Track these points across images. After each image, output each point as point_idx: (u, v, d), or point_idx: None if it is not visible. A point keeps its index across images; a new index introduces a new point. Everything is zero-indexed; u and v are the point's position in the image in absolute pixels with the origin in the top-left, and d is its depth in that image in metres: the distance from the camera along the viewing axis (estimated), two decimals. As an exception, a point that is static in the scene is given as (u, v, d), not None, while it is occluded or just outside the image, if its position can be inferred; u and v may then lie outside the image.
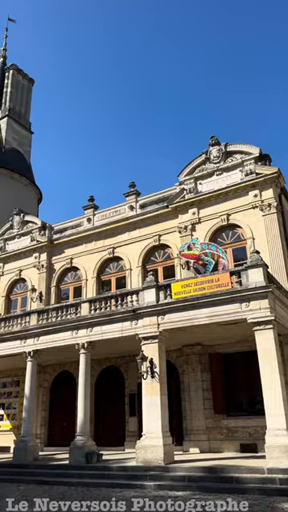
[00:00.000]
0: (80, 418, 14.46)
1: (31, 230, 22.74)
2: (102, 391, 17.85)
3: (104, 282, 19.96)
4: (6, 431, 19.61)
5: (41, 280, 21.39)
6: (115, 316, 14.37)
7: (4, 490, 11.22)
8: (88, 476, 12.21)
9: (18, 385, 19.67)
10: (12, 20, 41.00)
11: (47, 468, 13.87)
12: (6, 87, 35.70)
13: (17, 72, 36.33)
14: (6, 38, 40.66)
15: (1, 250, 23.49)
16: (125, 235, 19.61)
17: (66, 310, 16.02)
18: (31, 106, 37.59)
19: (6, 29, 40.71)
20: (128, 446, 16.04)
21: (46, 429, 18.88)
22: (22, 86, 36.69)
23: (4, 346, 16.85)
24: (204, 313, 12.72)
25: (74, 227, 21.48)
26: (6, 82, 35.81)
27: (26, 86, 37.18)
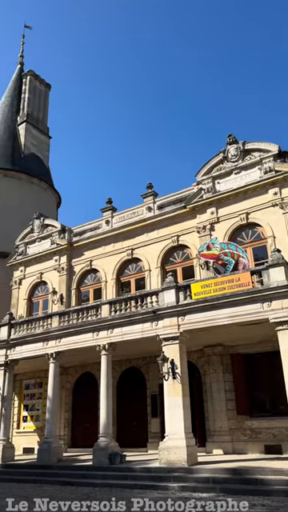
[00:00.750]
0: (102, 419, 14.54)
1: (51, 234, 23.02)
2: (123, 392, 17.90)
3: (123, 283, 20.04)
4: (29, 432, 19.88)
5: (61, 282, 21.62)
6: (135, 317, 14.41)
7: (30, 491, 11.38)
8: (111, 477, 12.26)
9: (41, 386, 19.92)
10: (28, 27, 41.64)
11: (71, 469, 13.99)
12: (23, 93, 36.30)
13: (34, 78, 36.87)
14: (23, 45, 41.38)
15: (22, 253, 23.86)
16: (143, 236, 19.64)
17: (86, 311, 16.17)
18: (48, 111, 38.10)
19: (22, 36, 41.36)
20: (151, 447, 16.04)
21: (69, 430, 19.04)
22: (39, 91, 37.22)
23: (27, 348, 17.10)
24: (225, 313, 12.63)
25: (92, 229, 21.64)
26: (24, 88, 36.41)
27: (43, 91, 37.70)
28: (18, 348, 17.41)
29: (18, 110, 36.09)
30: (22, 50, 41.22)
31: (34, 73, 36.97)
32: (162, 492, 10.35)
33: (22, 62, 40.38)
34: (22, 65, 40.10)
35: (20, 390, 20.74)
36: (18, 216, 29.44)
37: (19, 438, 19.66)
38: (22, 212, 29.42)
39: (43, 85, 37.82)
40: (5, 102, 37.21)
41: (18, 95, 36.94)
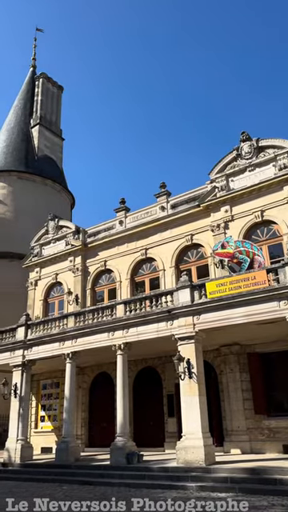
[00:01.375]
0: (119, 418, 14.58)
1: (66, 235, 23.18)
2: (139, 392, 17.91)
3: (138, 283, 20.05)
4: (47, 432, 20.06)
5: (76, 283, 21.75)
6: (150, 317, 14.40)
7: (50, 491, 11.50)
8: (129, 477, 12.28)
9: (58, 386, 20.08)
10: (40, 30, 42.02)
11: (89, 468, 14.06)
12: (36, 96, 36.69)
13: (46, 80, 37.22)
14: (35, 48, 41.78)
15: (37, 255, 24.09)
16: (157, 236, 19.62)
17: (101, 311, 16.22)
18: (61, 113, 38.40)
19: (34, 39, 41.80)
20: (168, 447, 16.02)
21: (86, 430, 19.14)
22: (51, 93, 37.55)
23: (43, 349, 17.25)
24: (240, 312, 12.53)
25: (106, 230, 21.72)
26: (37, 90, 36.79)
27: (55, 93, 38.02)
28: (34, 348, 17.57)
29: (31, 113, 36.49)
30: (35, 53, 41.66)
31: (46, 75, 37.33)
32: (180, 492, 10.34)
33: (35, 65, 40.80)
34: (35, 68, 40.51)
35: (37, 390, 20.94)
36: (32, 218, 29.82)
37: (37, 438, 19.86)
38: (36, 214, 29.77)
39: (55, 87, 38.15)
40: (18, 104, 37.65)
41: (30, 98, 37.34)
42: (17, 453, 16.40)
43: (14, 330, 18.59)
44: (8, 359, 18.14)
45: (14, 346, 18.11)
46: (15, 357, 17.92)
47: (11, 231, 30.85)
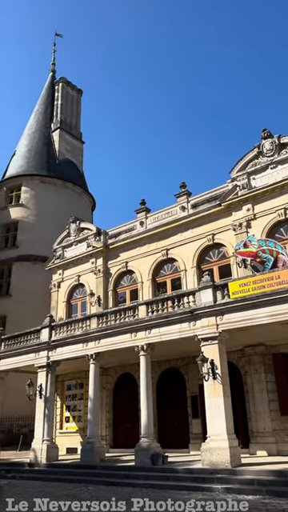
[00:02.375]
0: (144, 419, 14.57)
1: (87, 237, 23.38)
2: (163, 393, 17.87)
3: (159, 283, 20.02)
4: (72, 433, 20.25)
5: (98, 284, 21.90)
6: (173, 317, 14.35)
7: (76, 491, 11.59)
8: (154, 478, 12.25)
9: (82, 387, 20.24)
10: (59, 35, 42.67)
11: (114, 469, 14.12)
12: (56, 100, 37.20)
13: (66, 84, 37.68)
14: (55, 53, 42.38)
15: (60, 257, 24.39)
16: (177, 236, 19.55)
17: (123, 312, 16.27)
18: (81, 116, 38.80)
19: (53, 44, 42.43)
20: (193, 449, 15.91)
21: (110, 430, 19.22)
22: (71, 97, 38.00)
23: (67, 350, 17.42)
24: (265, 312, 12.33)
25: (127, 231, 21.79)
26: (57, 94, 37.29)
27: (75, 97, 38.45)
28: (58, 349, 17.77)
29: (51, 117, 37.02)
30: (54, 58, 42.28)
31: (65, 79, 37.79)
32: (206, 494, 10.24)
33: (54, 70, 41.39)
34: (54, 72, 41.10)
35: (62, 390, 21.17)
36: (54, 221, 30.24)
37: (62, 438, 20.06)
38: (58, 217, 30.19)
39: (75, 91, 38.58)
40: (39, 109, 38.26)
41: (51, 102, 37.89)
42: (43, 453, 16.61)
43: (39, 331, 18.85)
44: (33, 360, 18.41)
45: (38, 347, 18.36)
46: (40, 358, 18.17)
47: (34, 234, 31.36)
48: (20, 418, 24.38)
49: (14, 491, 11.68)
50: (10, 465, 16.45)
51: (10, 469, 15.14)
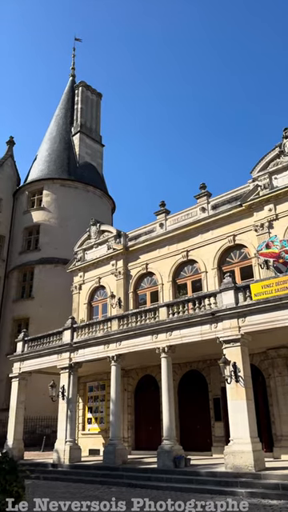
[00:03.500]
0: (165, 422, 14.53)
1: (107, 239, 23.53)
2: (184, 395, 17.79)
3: (180, 285, 19.96)
4: (94, 434, 20.35)
5: (119, 286, 22.00)
6: (194, 319, 14.27)
7: (99, 492, 11.65)
8: (177, 480, 12.19)
9: (104, 388, 20.34)
10: (78, 39, 43.25)
11: (136, 471, 14.11)
12: (76, 104, 37.65)
13: (85, 88, 38.10)
14: (74, 58, 42.94)
15: (81, 259, 24.62)
16: (197, 238, 19.45)
17: (144, 314, 16.28)
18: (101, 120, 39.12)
19: (73, 49, 43.03)
20: (215, 452, 15.78)
21: (132, 432, 19.25)
22: (91, 101, 38.38)
23: (89, 351, 17.56)
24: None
25: (147, 233, 21.82)
26: (77, 99, 37.75)
27: (94, 100, 38.81)
28: (80, 351, 17.92)
29: (71, 121, 37.48)
30: (73, 63, 42.85)
31: (85, 83, 38.20)
32: (230, 497, 10.12)
33: (74, 74, 41.92)
34: (74, 77, 41.62)
35: (84, 392, 21.32)
36: (75, 223, 30.62)
37: (85, 440, 20.19)
38: (79, 219, 30.55)
39: (95, 94, 38.94)
40: (59, 114, 38.79)
41: (71, 107, 38.38)
42: (65, 454, 16.77)
43: (61, 332, 19.07)
44: (55, 361, 18.63)
45: (60, 348, 18.57)
46: (62, 359, 18.37)
47: (56, 237, 31.79)
48: (43, 419, 24.70)
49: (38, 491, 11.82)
50: (34, 465, 16.64)
51: (34, 469, 15.28)
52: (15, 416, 19.59)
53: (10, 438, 19.37)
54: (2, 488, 5.98)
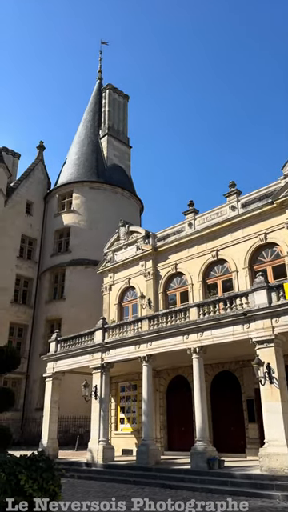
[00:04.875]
0: (198, 423, 14.41)
1: (136, 240, 23.61)
2: (216, 396, 17.60)
3: (210, 285, 19.75)
4: (127, 434, 20.46)
5: (148, 287, 22.02)
6: (225, 320, 14.09)
7: (132, 492, 11.70)
8: (211, 482, 12.08)
9: (136, 389, 20.42)
10: (105, 42, 43.70)
11: (169, 472, 14.07)
12: (103, 107, 38.04)
13: (112, 91, 38.43)
14: (101, 61, 43.39)
15: (110, 260, 24.82)
16: (227, 237, 19.19)
17: (174, 315, 16.22)
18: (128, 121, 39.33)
19: (100, 52, 43.50)
20: (249, 453, 15.52)
21: (165, 433, 19.21)
22: (118, 103, 38.67)
23: (120, 351, 17.68)
24: None
25: (175, 233, 21.73)
26: (104, 101, 38.13)
27: (121, 102, 39.07)
28: (112, 351, 18.06)
29: (99, 124, 37.90)
30: (100, 66, 43.30)
31: (112, 86, 38.53)
32: (266, 500, 9.95)
33: (101, 77, 42.37)
34: (101, 80, 42.07)
35: (116, 392, 21.48)
36: (104, 225, 30.95)
37: (117, 440, 20.32)
38: (108, 221, 30.84)
39: (122, 96, 39.20)
40: (87, 117, 39.31)
41: (98, 110, 38.82)
42: (99, 453, 16.93)
43: (92, 333, 19.29)
44: (87, 361, 18.86)
45: (92, 348, 18.79)
46: (94, 359, 18.57)
47: (85, 239, 32.25)
48: (76, 419, 25.07)
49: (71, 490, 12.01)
50: (68, 464, 16.91)
51: (69, 468, 15.54)
52: (49, 415, 19.97)
53: (45, 437, 19.76)
54: (39, 486, 6.08)
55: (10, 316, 31.71)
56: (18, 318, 32.25)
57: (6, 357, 13.86)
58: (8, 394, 13.55)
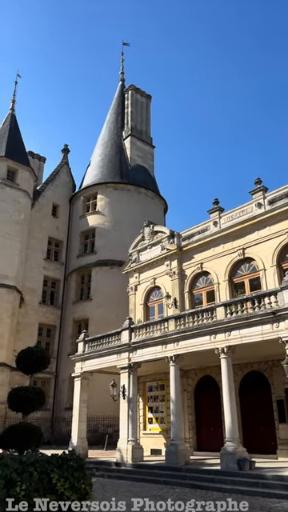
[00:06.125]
0: (228, 423, 14.26)
1: (161, 240, 23.58)
2: (245, 397, 17.36)
3: (236, 284, 19.49)
4: (155, 434, 20.45)
5: (174, 286, 21.95)
6: (253, 319, 13.87)
7: (163, 492, 11.69)
8: (241, 483, 11.93)
9: (163, 389, 20.39)
10: (126, 44, 43.86)
11: (199, 472, 13.98)
12: (126, 108, 38.21)
13: (135, 91, 38.54)
14: (123, 62, 43.56)
15: (135, 260, 24.89)
16: (254, 235, 18.89)
17: (201, 314, 16.09)
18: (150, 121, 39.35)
19: (121, 53, 43.67)
20: (281, 454, 15.25)
21: (193, 433, 19.10)
22: (140, 103, 38.75)
23: (147, 351, 17.70)
24: None
25: (200, 232, 21.57)
26: (127, 102, 38.31)
27: (144, 103, 39.13)
28: (139, 351, 18.10)
29: (122, 125, 38.09)
30: (122, 67, 43.48)
31: (134, 87, 38.65)
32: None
33: (123, 79, 42.56)
34: (123, 81, 42.27)
35: (144, 392, 21.51)
36: (129, 225, 31.08)
37: (146, 439, 20.35)
38: (132, 221, 30.96)
39: (144, 96, 39.27)
40: (110, 119, 39.59)
41: (121, 111, 39.02)
42: (128, 453, 17.01)
43: (119, 333, 19.40)
44: (115, 361, 18.98)
45: (119, 348, 18.89)
46: (121, 359, 18.67)
47: (110, 240, 32.49)
48: (105, 418, 25.26)
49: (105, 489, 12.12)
50: (98, 463, 17.06)
51: (98, 467, 15.68)
52: (79, 415, 20.20)
53: (75, 437, 20.01)
54: (71, 485, 6.17)
55: (39, 317, 32.35)
56: (47, 318, 32.85)
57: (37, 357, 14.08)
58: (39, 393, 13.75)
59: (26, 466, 6.01)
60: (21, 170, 33.48)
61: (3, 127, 35.54)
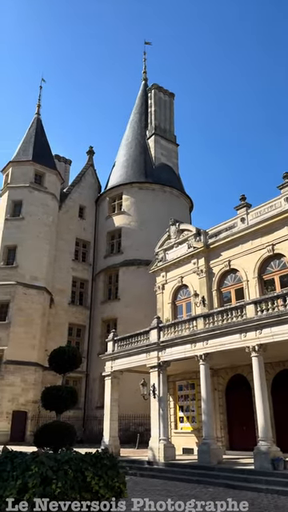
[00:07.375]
0: (261, 422, 14.04)
1: (187, 238, 23.44)
2: (278, 395, 17.02)
3: (266, 281, 19.14)
4: (187, 433, 20.38)
5: (201, 285, 21.77)
6: (285, 317, 13.58)
7: (196, 492, 11.65)
8: (277, 483, 11.73)
9: (194, 388, 20.28)
10: (148, 43, 43.87)
11: (232, 472, 13.84)
12: (149, 107, 38.19)
13: (158, 90, 38.49)
14: (145, 61, 43.54)
15: (162, 259, 24.86)
16: (283, 230, 18.47)
17: (230, 312, 15.90)
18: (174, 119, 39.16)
19: (144, 53, 43.66)
20: (316, 455, 14.83)
21: (225, 432, 18.91)
22: (163, 102, 38.65)
23: (176, 350, 17.64)
24: None
25: (227, 229, 21.29)
26: (150, 102, 38.29)
27: (167, 101, 39.00)
28: (168, 350, 18.07)
29: (146, 125, 38.11)
30: (145, 67, 43.49)
31: (157, 85, 38.59)
32: None
33: (146, 78, 42.55)
34: (146, 80, 42.25)
35: (174, 391, 21.47)
36: (155, 224, 31.08)
37: (177, 438, 20.29)
38: (158, 220, 30.95)
39: (167, 95, 39.15)
40: (134, 119, 39.69)
41: (144, 110, 39.03)
42: (160, 452, 17.02)
43: (148, 332, 19.43)
44: (144, 360, 19.02)
45: (148, 347, 18.91)
46: (151, 358, 18.69)
47: (137, 239, 32.60)
48: (136, 417, 25.37)
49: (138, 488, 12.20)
50: (131, 462, 17.14)
51: (131, 466, 15.76)
52: (110, 414, 20.38)
53: (106, 435, 20.20)
54: (105, 483, 6.23)
55: (69, 317, 32.88)
56: (76, 318, 33.34)
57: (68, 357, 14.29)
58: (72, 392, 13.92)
59: (61, 464, 6.09)
60: (48, 174, 34.11)
61: (29, 132, 36.31)
